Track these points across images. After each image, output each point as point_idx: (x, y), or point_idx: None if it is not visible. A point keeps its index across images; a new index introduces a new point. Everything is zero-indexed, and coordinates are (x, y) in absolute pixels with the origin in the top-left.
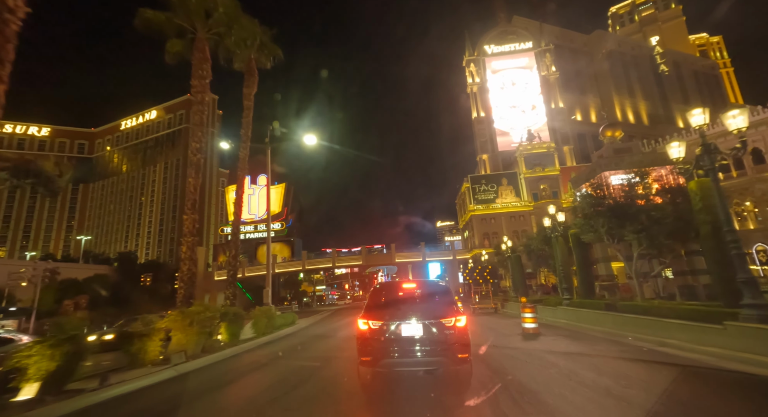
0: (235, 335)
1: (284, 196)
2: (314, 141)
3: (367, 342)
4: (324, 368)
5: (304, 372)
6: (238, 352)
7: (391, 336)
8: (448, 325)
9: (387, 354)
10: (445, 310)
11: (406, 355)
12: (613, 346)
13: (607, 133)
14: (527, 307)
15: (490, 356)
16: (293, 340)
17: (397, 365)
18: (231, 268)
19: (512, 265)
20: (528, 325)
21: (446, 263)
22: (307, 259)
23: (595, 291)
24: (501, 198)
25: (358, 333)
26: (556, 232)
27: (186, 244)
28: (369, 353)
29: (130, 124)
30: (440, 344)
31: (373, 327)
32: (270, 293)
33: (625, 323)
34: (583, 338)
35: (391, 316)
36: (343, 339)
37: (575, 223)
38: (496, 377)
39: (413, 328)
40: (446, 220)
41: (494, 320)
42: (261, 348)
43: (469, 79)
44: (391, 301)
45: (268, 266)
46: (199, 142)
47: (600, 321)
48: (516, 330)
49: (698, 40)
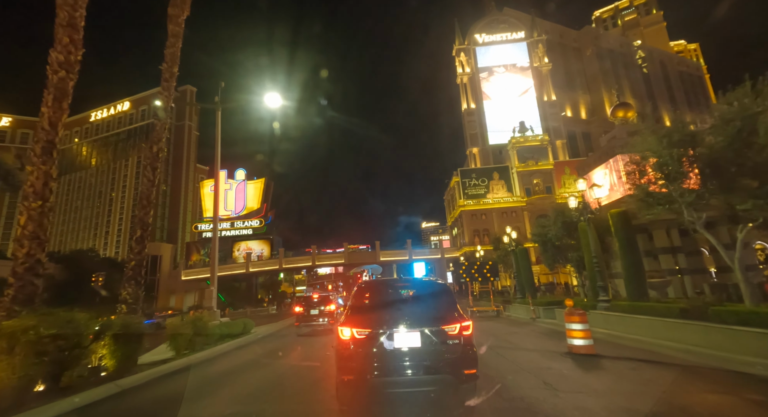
0: (127, 358)
1: (263, 192)
2: (278, 102)
3: (349, 356)
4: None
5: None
6: (113, 393)
7: (382, 348)
8: (452, 334)
9: (376, 371)
10: (448, 315)
11: (400, 372)
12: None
13: (618, 114)
14: (575, 315)
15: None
16: (226, 364)
17: (390, 385)
18: (137, 257)
19: (518, 261)
20: (578, 342)
21: (434, 263)
22: (285, 258)
23: (647, 291)
24: (492, 193)
25: (337, 344)
26: (591, 213)
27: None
28: (352, 371)
29: (100, 115)
30: (443, 357)
31: (357, 336)
32: (215, 295)
33: (727, 340)
34: (672, 365)
35: (381, 322)
36: (301, 358)
37: (638, 192)
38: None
39: (409, 338)
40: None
41: (503, 327)
42: (162, 381)
43: (459, 69)
44: (380, 304)
45: (213, 261)
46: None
47: (671, 334)
48: (548, 345)
49: (677, 46)
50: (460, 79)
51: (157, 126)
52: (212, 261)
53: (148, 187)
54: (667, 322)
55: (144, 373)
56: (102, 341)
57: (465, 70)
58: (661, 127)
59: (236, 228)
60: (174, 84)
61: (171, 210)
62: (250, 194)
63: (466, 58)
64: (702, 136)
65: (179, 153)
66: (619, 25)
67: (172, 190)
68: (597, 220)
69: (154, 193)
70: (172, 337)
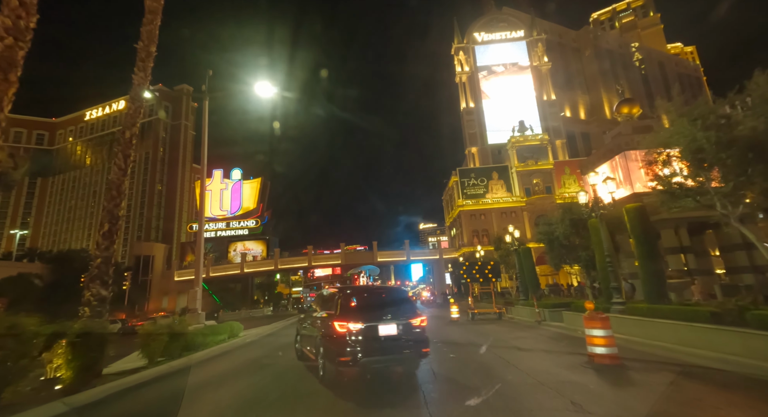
0: (87, 369)
1: (260, 192)
2: (269, 91)
3: (345, 342)
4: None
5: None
6: (56, 414)
7: (369, 336)
8: (415, 325)
9: (366, 353)
10: (411, 313)
11: (383, 352)
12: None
13: (623, 110)
14: (597, 320)
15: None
16: (205, 373)
17: (376, 363)
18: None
19: (521, 260)
20: (600, 350)
21: (432, 264)
22: (281, 258)
23: (667, 292)
24: (491, 193)
25: (335, 334)
26: (603, 209)
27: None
28: (347, 354)
29: (95, 114)
30: (410, 341)
31: (352, 329)
32: (199, 296)
33: None
34: (715, 379)
35: (368, 318)
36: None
37: (661, 184)
38: None
39: (390, 328)
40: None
41: (507, 331)
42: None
43: (458, 68)
44: (365, 305)
45: (198, 261)
46: None
47: (701, 340)
48: (561, 352)
49: (674, 49)
50: (459, 78)
51: (131, 110)
52: (197, 261)
53: (119, 176)
54: (695, 327)
55: (105, 386)
56: (58, 350)
57: (464, 68)
58: (694, 107)
59: (232, 228)
60: (151, 65)
61: (167, 210)
62: (246, 194)
63: (465, 56)
64: (736, 119)
65: (175, 153)
66: (617, 27)
67: (168, 190)
68: (606, 217)
69: (126, 183)
70: (144, 343)
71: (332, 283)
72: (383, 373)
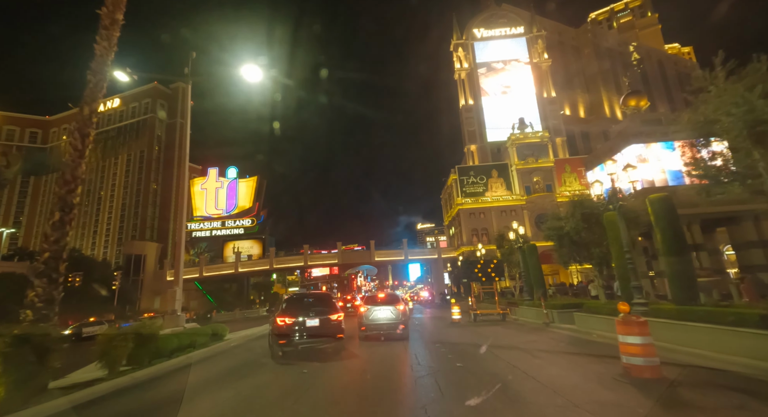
0: (23, 384)
1: (256, 191)
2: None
3: (284, 331)
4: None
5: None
6: None
7: (301, 326)
8: (333, 319)
9: (301, 335)
10: (332, 311)
11: (310, 337)
12: None
13: (630, 103)
14: (633, 325)
15: None
16: (175, 384)
17: (304, 344)
18: (52, 247)
19: (526, 259)
20: (638, 361)
21: (430, 263)
22: (276, 258)
23: (698, 293)
24: (491, 191)
25: (277, 324)
26: (620, 201)
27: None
28: (285, 337)
29: None
30: (329, 330)
31: (288, 322)
32: (179, 296)
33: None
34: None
35: (300, 314)
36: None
37: (708, 165)
38: None
39: (314, 321)
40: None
41: (515, 334)
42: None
43: (457, 65)
44: (299, 306)
45: (179, 261)
46: None
47: (747, 348)
48: (583, 361)
49: (671, 49)
50: (458, 75)
51: (91, 83)
52: (177, 261)
53: (74, 158)
54: (740, 332)
55: (43, 405)
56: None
57: (463, 65)
58: (744, 74)
59: (227, 227)
60: (117, 34)
61: (161, 209)
62: (242, 193)
63: (464, 53)
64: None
65: (170, 151)
66: (615, 27)
67: (163, 189)
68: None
69: (83, 167)
70: (103, 351)
71: (330, 284)
72: (381, 391)
